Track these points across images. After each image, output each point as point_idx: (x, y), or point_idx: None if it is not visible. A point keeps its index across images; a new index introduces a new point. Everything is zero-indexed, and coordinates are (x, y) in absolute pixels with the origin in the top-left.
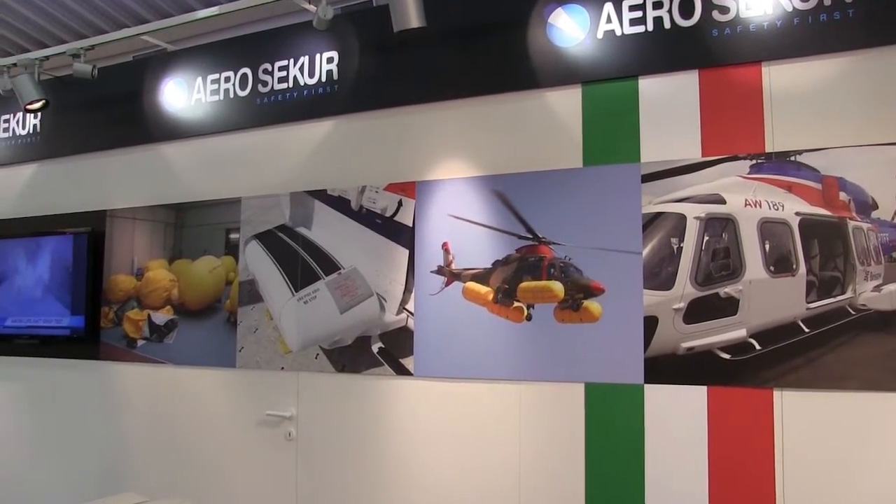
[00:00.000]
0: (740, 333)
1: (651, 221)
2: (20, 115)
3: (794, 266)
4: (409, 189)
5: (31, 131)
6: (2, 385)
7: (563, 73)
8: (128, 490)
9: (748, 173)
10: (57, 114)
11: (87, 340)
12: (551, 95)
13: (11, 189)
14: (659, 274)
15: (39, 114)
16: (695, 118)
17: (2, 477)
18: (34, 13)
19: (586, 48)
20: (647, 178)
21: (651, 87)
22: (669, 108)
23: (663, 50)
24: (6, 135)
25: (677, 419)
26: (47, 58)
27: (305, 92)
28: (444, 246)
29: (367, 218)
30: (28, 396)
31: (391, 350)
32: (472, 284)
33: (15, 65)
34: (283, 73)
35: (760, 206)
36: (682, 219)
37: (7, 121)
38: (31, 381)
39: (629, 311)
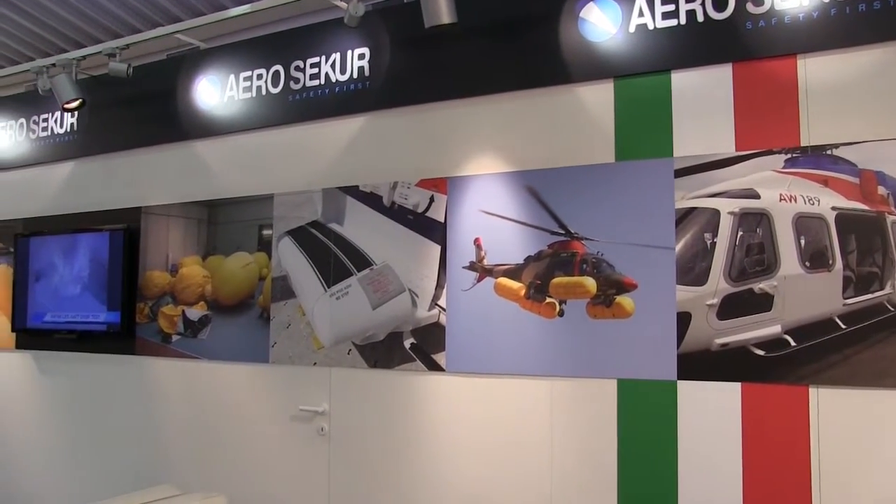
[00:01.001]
0: (775, 329)
1: (684, 217)
2: (58, 114)
3: (831, 261)
4: (441, 185)
5: (68, 130)
6: (42, 379)
7: (594, 67)
8: (163, 483)
9: (783, 167)
10: (93, 112)
11: (123, 336)
12: (583, 90)
13: (50, 187)
14: (692, 269)
15: (76, 112)
16: (728, 112)
17: (41, 469)
18: (71, 14)
19: (618, 42)
20: (680, 172)
21: (684, 82)
22: (702, 102)
23: (696, 43)
24: (45, 133)
25: (711, 416)
26: (84, 57)
27: (337, 88)
28: (476, 242)
29: (399, 214)
30: (66, 390)
31: (423, 346)
32: (504, 280)
33: (54, 65)
34: (315, 70)
35: (796, 201)
36: (715, 214)
37: (46, 120)
38: (69, 376)
39: (662, 307)
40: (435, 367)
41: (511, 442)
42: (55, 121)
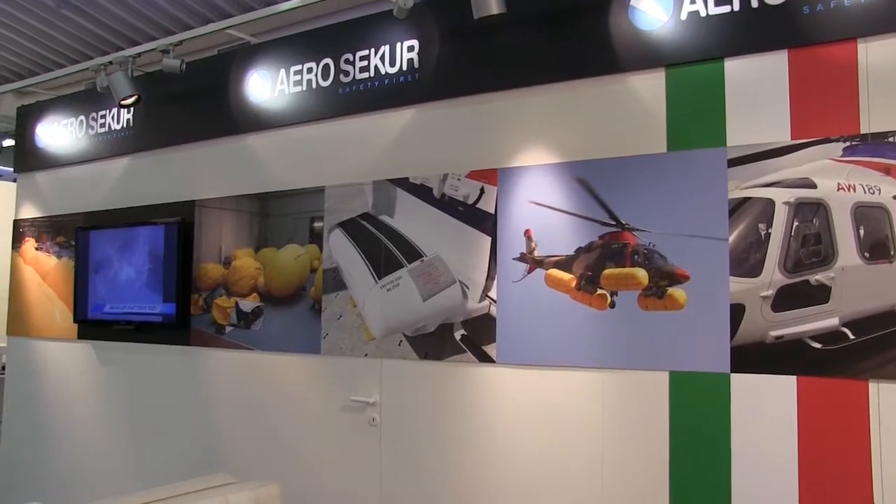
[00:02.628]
0: (832, 322)
1: (738, 207)
2: (115, 110)
3: (892, 252)
4: (491, 176)
5: (124, 126)
6: (102, 368)
7: (646, 56)
8: (219, 471)
9: (841, 156)
10: (148, 108)
11: (178, 327)
12: (634, 80)
13: (107, 181)
14: (746, 261)
15: (132, 109)
16: (784, 100)
17: (101, 455)
18: (127, 12)
19: (670, 30)
20: (733, 162)
21: (738, 69)
22: (757, 90)
23: (750, 30)
24: (103, 130)
25: (765, 409)
26: (139, 55)
27: (387, 81)
28: (527, 233)
29: (450, 205)
30: (125, 379)
31: (474, 337)
32: (554, 271)
33: (111, 63)
34: (365, 63)
35: (854, 190)
36: (770, 204)
37: (103, 116)
38: (127, 365)
39: (715, 299)
40: (486, 358)
41: (562, 434)
42: (112, 117)
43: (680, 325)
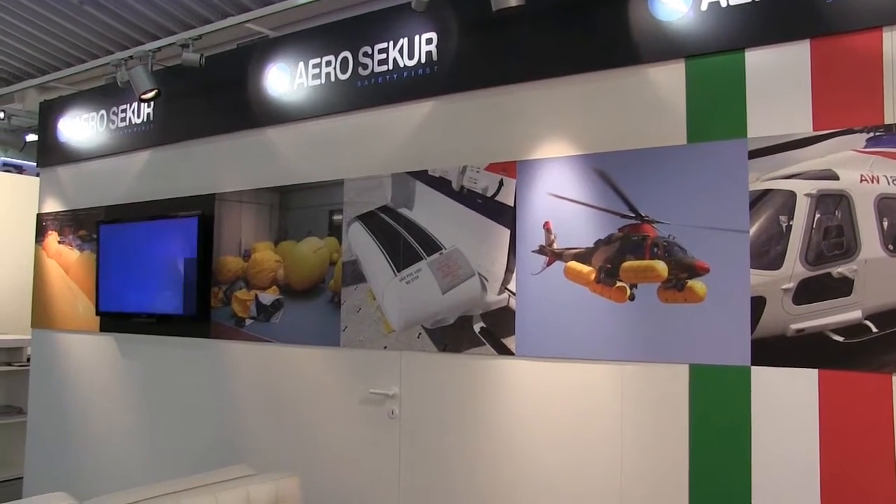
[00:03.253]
0: (855, 315)
1: (758, 199)
2: (135, 104)
3: None
4: (510, 169)
5: (144, 120)
6: (123, 360)
7: (665, 47)
8: (238, 462)
9: (864, 147)
10: (168, 102)
11: (198, 319)
12: (653, 71)
13: (128, 175)
14: (767, 253)
15: (152, 103)
16: (806, 90)
17: (122, 446)
18: (147, 8)
19: (690, 21)
20: (754, 154)
21: (758, 60)
22: (778, 80)
23: (772, 20)
24: (123, 124)
25: (786, 402)
26: (159, 49)
27: (405, 74)
28: (546, 225)
29: (469, 198)
30: (146, 371)
31: (493, 330)
32: (573, 264)
33: (131, 57)
34: (383, 56)
35: (878, 182)
36: (791, 196)
37: (124, 111)
38: (148, 358)
39: (735, 291)
40: (504, 351)
41: (581, 426)
42: (133, 111)
43: (700, 317)
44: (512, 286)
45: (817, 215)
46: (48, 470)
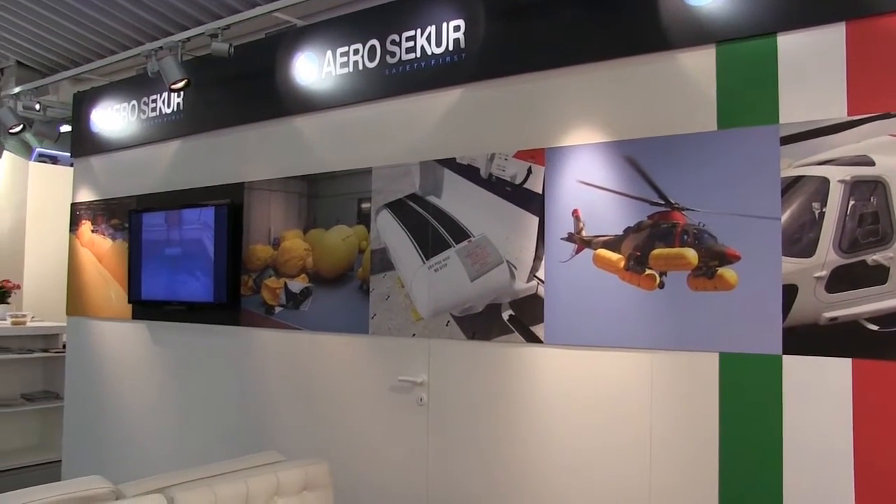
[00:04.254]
0: (891, 303)
1: (791, 186)
2: (166, 94)
3: None
4: (539, 156)
5: (175, 109)
6: (155, 347)
7: (696, 32)
8: (268, 449)
9: None
10: (198, 92)
11: (228, 307)
12: (684, 56)
13: (159, 164)
14: (799, 240)
15: (182, 93)
16: (840, 74)
17: (154, 431)
18: None
19: (721, 5)
20: (786, 140)
21: (791, 44)
22: (812, 64)
23: (805, 3)
24: (154, 114)
25: (818, 392)
26: (188, 39)
27: (433, 61)
28: (575, 213)
29: (497, 185)
30: (177, 359)
31: (521, 317)
32: (603, 251)
33: (161, 48)
34: (411, 44)
35: None
36: (824, 182)
37: (154, 101)
38: (180, 345)
39: (766, 279)
40: (533, 338)
41: (610, 414)
42: (163, 101)
43: (730, 305)
44: (541, 274)
45: (851, 202)
46: (85, 453)
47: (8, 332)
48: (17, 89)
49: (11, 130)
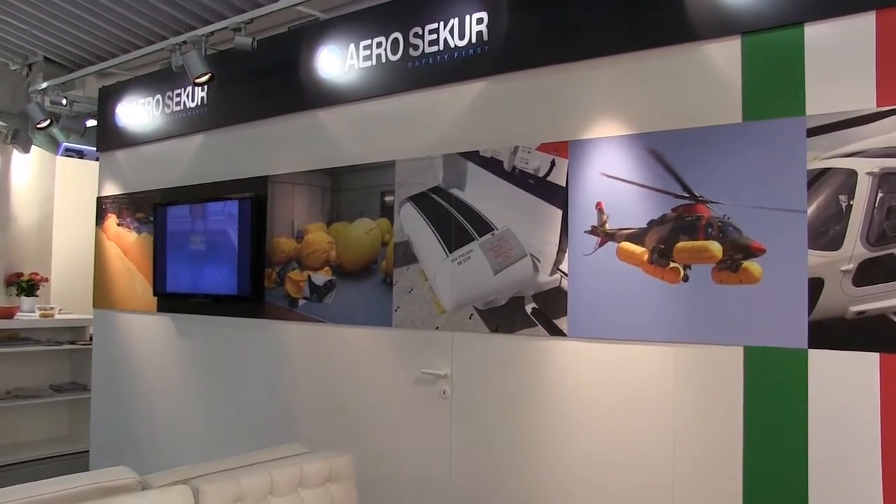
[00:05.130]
0: None
1: (817, 178)
2: (189, 88)
3: None
4: (562, 148)
5: (198, 103)
6: (180, 340)
7: (721, 23)
8: (292, 441)
9: None
10: (221, 86)
11: (252, 300)
12: (708, 48)
13: (183, 158)
14: (825, 233)
15: (206, 87)
16: (869, 65)
17: (179, 423)
18: None
19: None
20: (813, 131)
21: (819, 34)
22: (840, 55)
23: None
24: (178, 108)
25: (845, 386)
26: (212, 34)
27: (456, 54)
28: (598, 206)
29: (520, 178)
30: (202, 351)
31: (545, 310)
32: (626, 244)
33: (185, 42)
34: (434, 37)
35: None
36: (852, 174)
37: (178, 95)
38: (204, 337)
39: (792, 273)
40: (557, 332)
41: (633, 408)
42: (187, 96)
43: (755, 299)
44: (564, 267)
45: (880, 194)
46: (112, 444)
47: (36, 324)
48: (44, 85)
49: (39, 126)
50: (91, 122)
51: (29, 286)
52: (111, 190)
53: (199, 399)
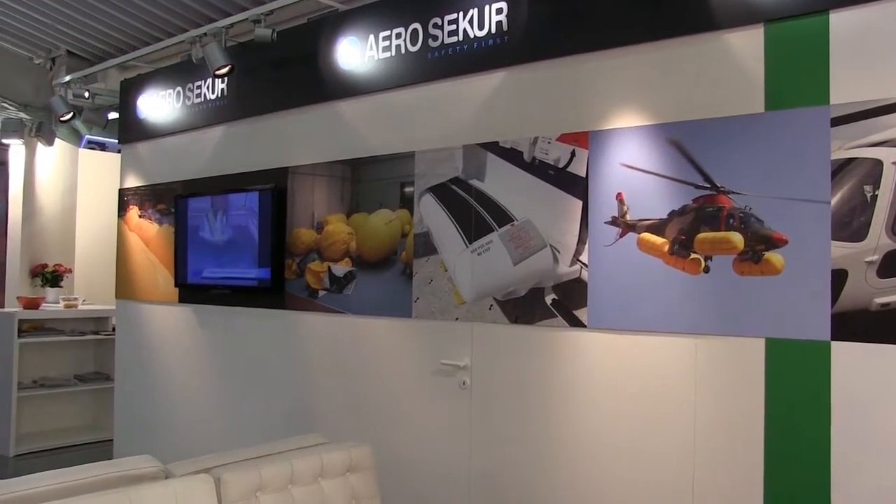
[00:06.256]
0: None
1: (841, 168)
2: (210, 80)
3: None
4: (582, 139)
5: (219, 95)
6: (201, 330)
7: (743, 12)
8: (312, 431)
9: None
10: (241, 78)
11: (273, 291)
12: (731, 37)
13: (203, 150)
14: (849, 224)
15: (226, 78)
16: (895, 53)
17: (200, 413)
18: None
19: None
20: (837, 121)
21: (844, 22)
22: (865, 43)
23: None
24: (199, 100)
25: (868, 379)
26: (232, 25)
27: (475, 44)
28: (619, 196)
29: (540, 169)
30: (223, 342)
31: (564, 302)
32: (647, 235)
33: (205, 34)
34: (453, 27)
35: None
36: (877, 164)
37: (199, 87)
38: (225, 328)
39: (815, 264)
40: (576, 323)
41: (653, 399)
42: (207, 88)
43: (777, 290)
44: (584, 258)
45: None
46: (135, 433)
47: (60, 314)
48: (67, 78)
49: (62, 118)
50: (113, 115)
51: (53, 277)
52: (133, 182)
53: (220, 389)
